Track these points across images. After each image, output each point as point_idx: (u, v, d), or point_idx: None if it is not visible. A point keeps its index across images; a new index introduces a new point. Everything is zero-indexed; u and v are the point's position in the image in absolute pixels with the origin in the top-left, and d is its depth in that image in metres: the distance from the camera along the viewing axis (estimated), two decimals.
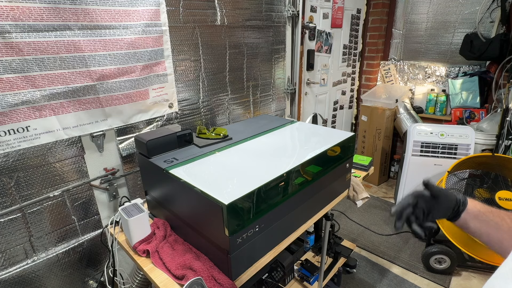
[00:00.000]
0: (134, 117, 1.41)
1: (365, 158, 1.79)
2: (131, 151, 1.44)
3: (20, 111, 1.07)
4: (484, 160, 2.06)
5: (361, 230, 2.55)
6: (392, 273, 2.08)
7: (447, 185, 2.02)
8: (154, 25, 1.35)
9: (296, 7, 2.08)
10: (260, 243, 1.00)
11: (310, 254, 1.94)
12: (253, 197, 0.90)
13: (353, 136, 1.34)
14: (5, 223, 1.13)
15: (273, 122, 1.57)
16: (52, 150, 1.20)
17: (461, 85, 2.83)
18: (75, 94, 1.19)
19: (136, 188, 1.52)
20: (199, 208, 0.96)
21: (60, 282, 1.33)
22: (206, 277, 0.92)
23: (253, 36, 1.87)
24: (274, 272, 1.57)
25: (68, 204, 1.29)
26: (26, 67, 1.05)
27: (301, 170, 1.09)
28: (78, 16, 1.12)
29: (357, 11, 3.12)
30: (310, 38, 2.57)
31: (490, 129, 2.47)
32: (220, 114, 1.82)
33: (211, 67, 1.68)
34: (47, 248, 1.27)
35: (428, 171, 2.46)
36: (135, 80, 1.34)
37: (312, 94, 2.80)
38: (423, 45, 3.12)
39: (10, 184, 1.12)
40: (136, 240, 1.11)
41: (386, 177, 3.39)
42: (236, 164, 1.10)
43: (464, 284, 1.98)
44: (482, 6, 2.63)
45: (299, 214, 1.17)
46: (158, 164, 1.10)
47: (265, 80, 2.05)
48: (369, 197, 1.58)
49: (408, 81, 3.30)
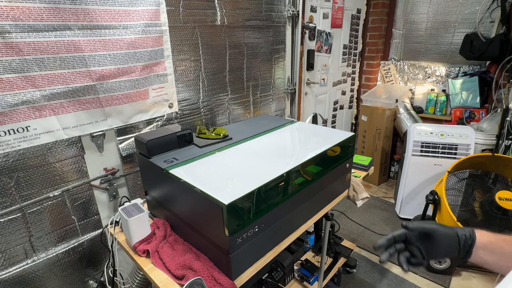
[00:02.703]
0: (134, 117, 1.41)
1: (365, 158, 1.79)
2: (131, 151, 1.44)
3: (20, 111, 1.07)
4: (484, 160, 2.06)
5: (361, 230, 2.55)
6: (392, 273, 2.08)
7: (447, 185, 2.02)
8: (154, 25, 1.35)
9: (296, 7, 2.08)
10: (260, 243, 1.00)
11: (310, 254, 1.93)
12: (253, 197, 0.90)
13: (353, 136, 1.34)
14: (5, 223, 1.13)
15: (273, 122, 1.57)
16: (52, 150, 1.20)
17: (461, 85, 2.83)
18: (75, 94, 1.19)
19: (136, 188, 1.52)
20: (199, 208, 0.96)
21: (60, 282, 1.33)
22: (206, 277, 0.92)
23: (253, 36, 1.87)
24: (274, 272, 1.57)
25: (68, 204, 1.29)
26: (26, 67, 1.05)
27: (301, 170, 1.09)
28: (78, 16, 1.12)
29: (357, 11, 3.12)
30: (310, 38, 2.57)
31: (490, 129, 2.47)
32: (220, 114, 1.82)
33: (211, 67, 1.68)
34: (47, 248, 1.27)
35: (428, 171, 2.46)
36: (135, 80, 1.34)
37: (312, 94, 2.80)
38: (423, 45, 3.12)
39: (10, 184, 1.12)
40: (136, 240, 1.11)
41: (386, 177, 3.39)
42: (236, 164, 1.10)
43: (464, 284, 1.98)
44: (482, 6, 2.63)
45: (299, 214, 1.17)
46: (158, 164, 1.10)
47: (265, 80, 2.04)
48: (369, 197, 1.58)
49: (408, 81, 3.30)
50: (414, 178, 2.54)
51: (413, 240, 0.69)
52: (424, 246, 0.68)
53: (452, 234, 0.66)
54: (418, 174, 2.51)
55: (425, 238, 0.68)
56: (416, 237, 0.69)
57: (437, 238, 0.67)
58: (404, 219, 2.63)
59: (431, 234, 0.67)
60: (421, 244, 0.68)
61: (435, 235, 0.67)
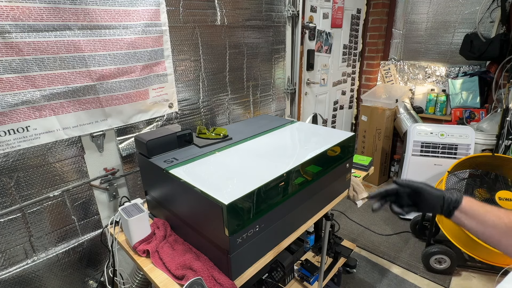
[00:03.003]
0: (134, 117, 1.41)
1: (365, 158, 1.79)
2: (131, 151, 1.44)
3: (20, 111, 1.07)
4: (484, 160, 2.06)
5: (361, 230, 2.54)
6: (392, 273, 2.08)
7: (447, 185, 2.02)
8: (154, 25, 1.35)
9: (296, 7, 2.08)
10: (260, 243, 1.00)
11: (310, 254, 1.93)
12: (253, 197, 0.90)
13: (353, 136, 1.34)
14: (5, 223, 1.13)
15: (273, 122, 1.57)
16: (52, 150, 1.20)
17: (461, 85, 2.83)
18: (75, 94, 1.19)
19: (136, 188, 1.52)
20: (199, 208, 0.96)
21: (60, 282, 1.33)
22: (206, 277, 0.92)
23: (253, 36, 1.87)
24: (274, 272, 1.57)
25: (68, 204, 1.29)
26: (26, 67, 1.05)
27: (301, 170, 1.09)
28: (78, 16, 1.12)
29: (357, 11, 3.12)
30: (310, 38, 2.57)
31: (490, 129, 2.47)
32: (220, 114, 1.82)
33: (211, 67, 1.68)
34: (47, 248, 1.27)
35: (428, 171, 2.46)
36: (135, 80, 1.34)
37: (312, 94, 2.80)
38: (423, 45, 3.12)
39: (10, 184, 1.12)
40: (136, 240, 1.11)
41: (386, 177, 3.38)
42: (236, 164, 1.10)
43: (464, 284, 1.98)
44: (482, 6, 2.63)
45: (299, 214, 1.17)
46: (158, 164, 1.10)
47: (265, 80, 2.04)
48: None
49: (408, 81, 3.30)
50: (414, 178, 2.51)
51: (403, 195, 0.78)
52: (412, 201, 0.78)
53: (438, 195, 0.74)
54: (418, 174, 2.51)
55: (414, 194, 0.77)
56: (406, 193, 0.78)
57: (424, 195, 0.76)
58: (404, 219, 2.63)
59: (419, 192, 0.76)
60: (409, 199, 0.78)
61: (423, 192, 0.76)
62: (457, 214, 0.71)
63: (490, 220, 0.67)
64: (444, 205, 0.73)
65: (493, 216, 0.67)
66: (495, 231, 0.66)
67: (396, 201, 0.79)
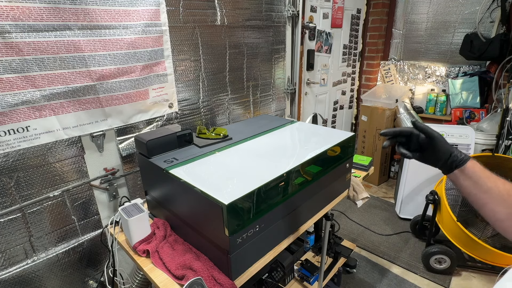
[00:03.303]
0: (134, 117, 1.41)
1: (365, 158, 1.79)
2: (131, 151, 1.44)
3: (20, 111, 1.07)
4: (484, 160, 2.06)
5: (361, 230, 2.55)
6: (392, 273, 2.08)
7: (447, 185, 2.02)
8: (154, 25, 1.35)
9: (296, 7, 2.08)
10: (260, 243, 1.00)
11: (310, 254, 1.93)
12: (253, 197, 0.90)
13: (353, 136, 1.34)
14: (5, 223, 1.13)
15: (273, 122, 1.57)
16: (52, 150, 1.20)
17: (461, 85, 2.83)
18: (75, 94, 1.19)
19: (136, 188, 1.52)
20: (199, 208, 0.96)
21: (60, 282, 1.33)
22: (206, 277, 0.92)
23: (253, 36, 1.87)
24: (274, 272, 1.57)
25: (68, 204, 1.29)
26: (26, 67, 1.05)
27: (301, 170, 1.09)
28: (78, 16, 1.12)
29: (357, 11, 3.12)
30: (310, 38, 2.57)
31: (490, 129, 2.47)
32: (220, 114, 1.82)
33: (211, 67, 1.68)
34: (47, 248, 1.27)
35: (428, 171, 2.46)
36: (135, 80, 1.34)
37: (312, 94, 2.80)
38: (423, 45, 3.12)
39: (10, 184, 1.12)
40: (136, 240, 1.11)
41: (386, 177, 3.39)
42: (236, 164, 1.10)
43: (464, 284, 1.98)
44: (482, 6, 2.63)
45: (299, 214, 1.17)
46: (158, 164, 1.10)
47: (265, 80, 2.04)
48: (369, 197, 1.58)
49: (408, 81, 3.30)
50: (414, 178, 2.54)
51: (415, 138, 0.77)
52: (420, 147, 0.77)
53: (448, 149, 0.73)
54: (418, 174, 2.51)
55: (425, 141, 0.76)
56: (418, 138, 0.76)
57: (435, 144, 0.74)
58: (404, 219, 2.63)
59: (432, 139, 0.74)
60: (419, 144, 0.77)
61: (436, 141, 0.74)
62: (456, 172, 0.72)
63: (486, 185, 0.68)
64: (448, 161, 0.73)
65: (490, 182, 0.68)
66: (486, 195, 0.67)
67: (405, 143, 0.79)
